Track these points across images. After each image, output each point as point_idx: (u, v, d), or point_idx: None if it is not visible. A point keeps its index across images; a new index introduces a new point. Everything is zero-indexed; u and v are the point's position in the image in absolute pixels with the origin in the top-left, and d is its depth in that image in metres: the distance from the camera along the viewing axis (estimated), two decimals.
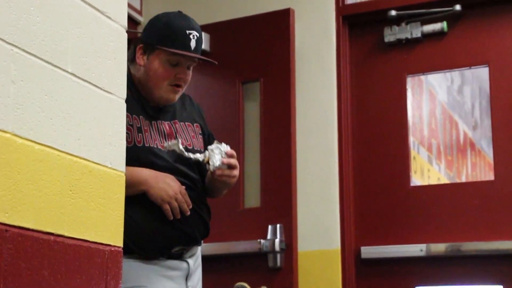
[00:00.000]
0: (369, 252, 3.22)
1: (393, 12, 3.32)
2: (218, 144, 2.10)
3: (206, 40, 3.46)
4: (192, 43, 2.10)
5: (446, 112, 5.05)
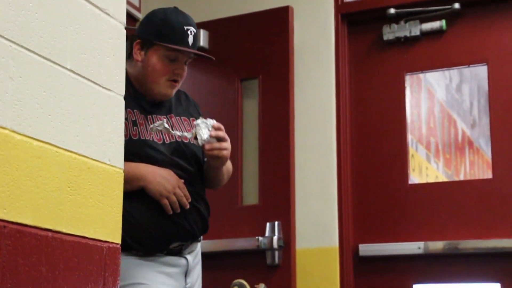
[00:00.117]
0: (367, 250, 3.22)
1: (392, 10, 3.32)
2: (204, 119, 2.10)
3: (205, 37, 3.46)
4: (190, 39, 2.12)
5: (444, 110, 5.05)
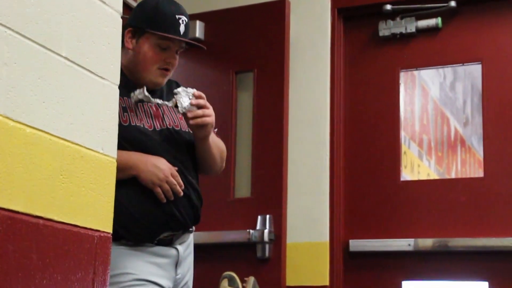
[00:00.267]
0: (358, 245, 3.23)
1: (388, 7, 3.32)
2: (185, 88, 2.10)
3: (200, 29, 3.45)
4: (182, 28, 2.12)
5: (437, 108, 5.06)
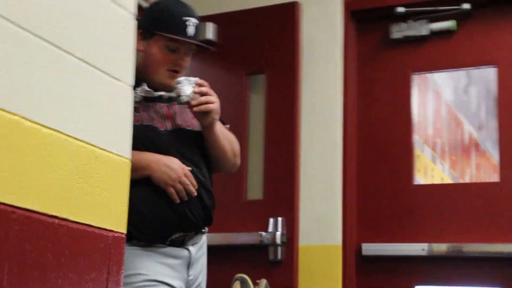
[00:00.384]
0: (370, 249, 3.21)
1: (401, 9, 3.31)
2: (187, 77, 2.11)
3: (212, 31, 3.46)
4: (191, 30, 2.13)
5: (451, 112, 5.03)
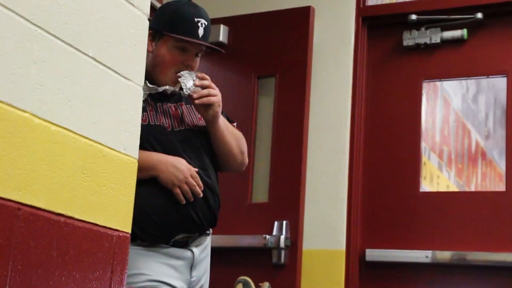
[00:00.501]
0: (374, 255, 3.21)
1: (413, 16, 3.31)
2: (189, 71, 2.12)
3: (224, 33, 3.47)
4: (200, 31, 2.13)
5: (459, 120, 5.02)
